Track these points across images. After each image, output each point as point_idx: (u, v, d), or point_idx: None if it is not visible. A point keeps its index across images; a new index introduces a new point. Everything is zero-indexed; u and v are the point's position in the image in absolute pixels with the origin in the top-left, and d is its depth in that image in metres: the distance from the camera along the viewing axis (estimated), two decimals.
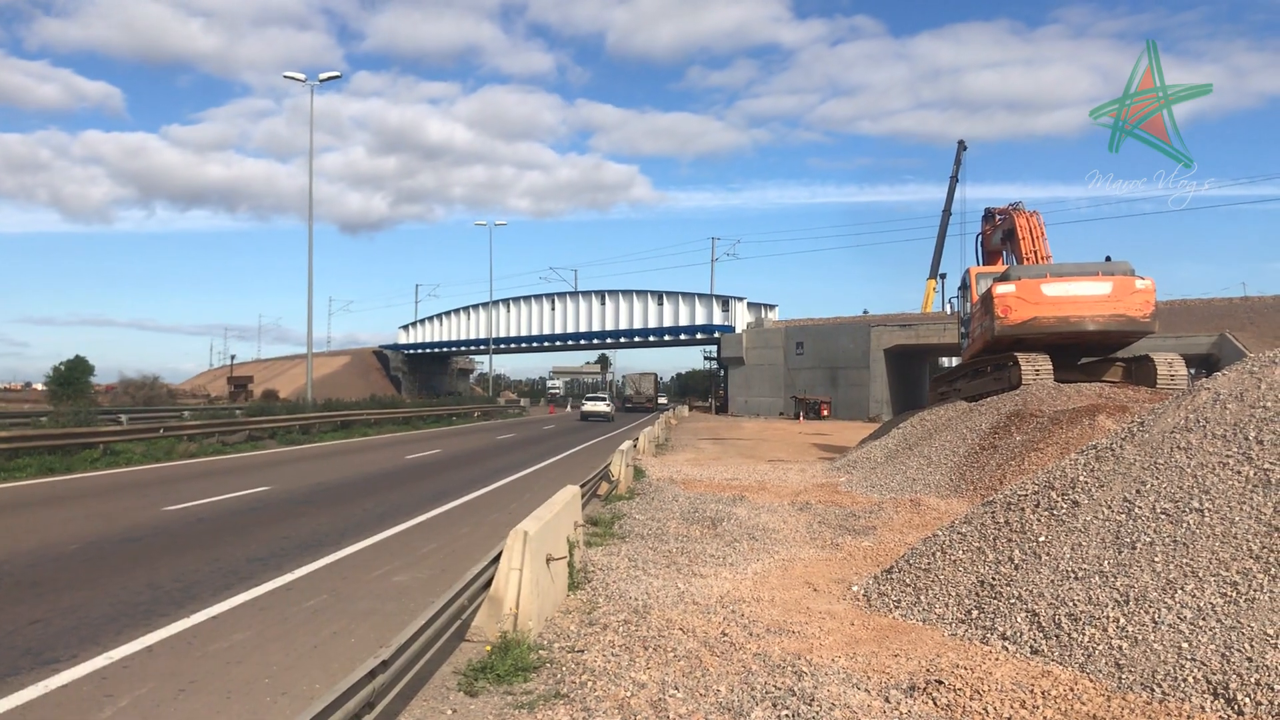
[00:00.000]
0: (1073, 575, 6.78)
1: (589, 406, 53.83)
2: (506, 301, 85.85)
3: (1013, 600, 6.86)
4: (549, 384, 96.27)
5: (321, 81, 36.78)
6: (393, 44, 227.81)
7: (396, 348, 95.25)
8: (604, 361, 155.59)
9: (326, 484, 16.25)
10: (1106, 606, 6.28)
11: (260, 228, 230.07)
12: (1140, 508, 7.11)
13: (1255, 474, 6.74)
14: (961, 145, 64.95)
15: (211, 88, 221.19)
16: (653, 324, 73.30)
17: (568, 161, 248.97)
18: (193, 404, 45.50)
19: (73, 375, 50.06)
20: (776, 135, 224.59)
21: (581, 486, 10.89)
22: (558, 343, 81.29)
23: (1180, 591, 6.11)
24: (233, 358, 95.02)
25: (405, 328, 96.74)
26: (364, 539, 10.64)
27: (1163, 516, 6.88)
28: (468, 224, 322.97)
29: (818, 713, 5.33)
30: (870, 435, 24.81)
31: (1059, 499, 7.80)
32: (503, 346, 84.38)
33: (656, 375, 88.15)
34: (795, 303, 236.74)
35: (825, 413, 54.90)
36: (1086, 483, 7.83)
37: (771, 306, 70.67)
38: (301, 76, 36.45)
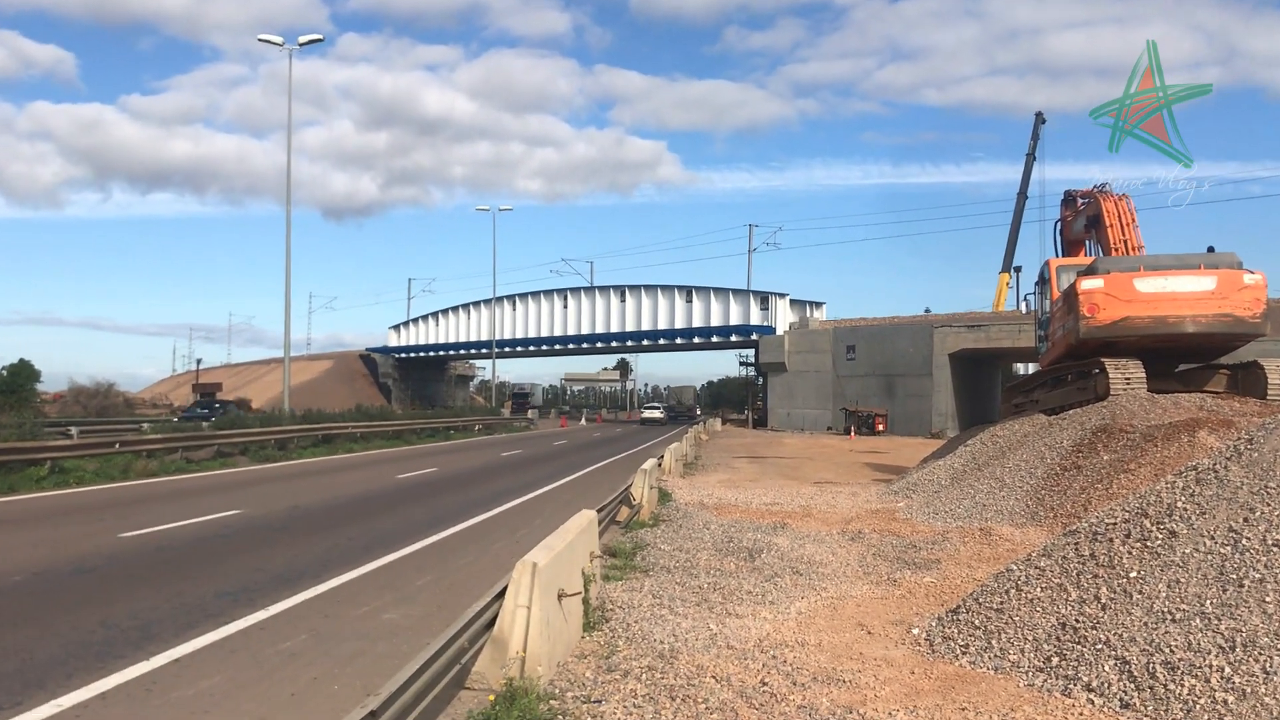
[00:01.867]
0: (1169, 617, 6.72)
1: (648, 414, 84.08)
2: (512, 298, 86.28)
3: (1099, 646, 6.82)
4: (514, 391, 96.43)
5: (302, 45, 37.15)
6: (384, 1, 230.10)
7: (386, 351, 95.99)
8: (624, 368, 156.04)
9: (306, 507, 16.38)
10: (1209, 654, 6.22)
11: (232, 213, 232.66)
12: (1248, 539, 7.04)
13: None
14: (1040, 118, 64.53)
15: (177, 52, 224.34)
16: (680, 324, 73.42)
17: (585, 137, 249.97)
18: (153, 415, 46.05)
19: (16, 382, 50.66)
20: (826, 106, 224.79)
21: (598, 511, 10.92)
22: (570, 345, 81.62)
23: None
24: (198, 362, 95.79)
25: (396, 328, 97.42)
26: (349, 570, 10.72)
27: (1275, 549, 6.81)
28: (469, 209, 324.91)
29: None
30: (933, 454, 24.71)
31: (1153, 528, 7.74)
32: (507, 350, 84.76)
33: (695, 387, 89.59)
34: (846, 300, 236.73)
35: (880, 427, 54.73)
36: (1185, 509, 7.77)
37: (818, 304, 70.57)
38: (279, 40, 36.83)
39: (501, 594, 6.77)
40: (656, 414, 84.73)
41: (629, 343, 78.66)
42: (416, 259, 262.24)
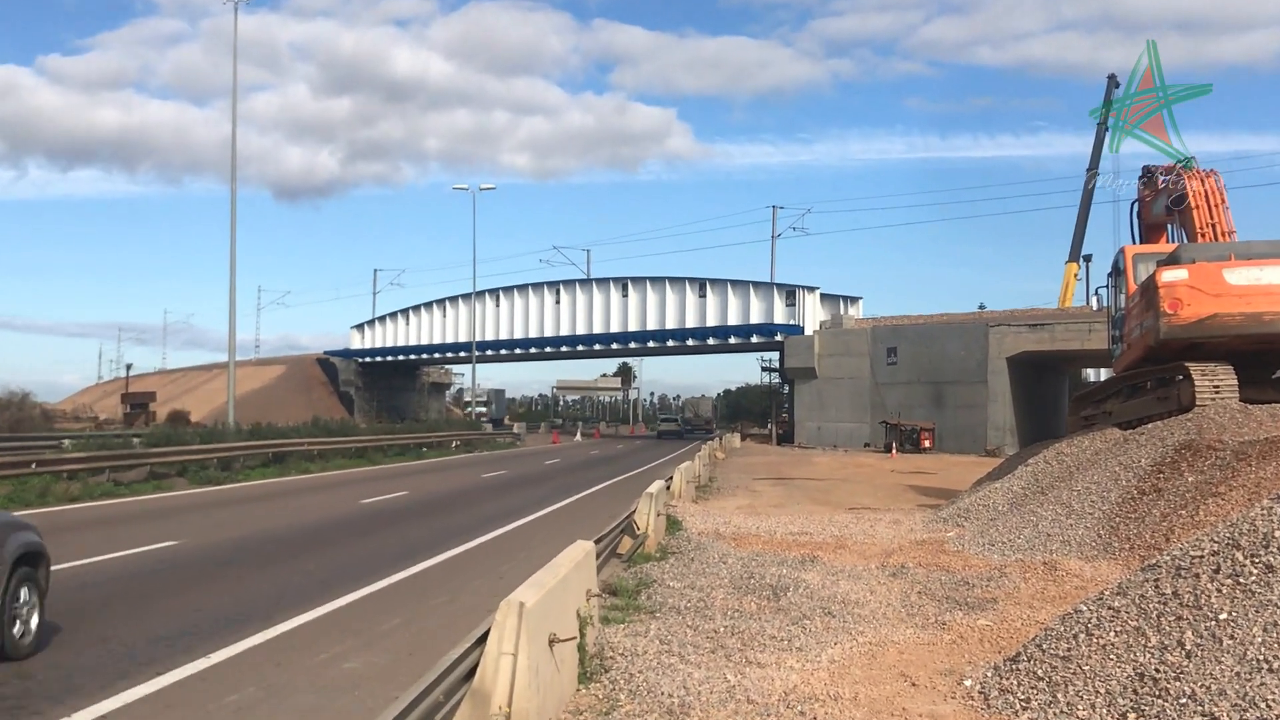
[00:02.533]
0: (1266, 666, 6.71)
1: (665, 427, 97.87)
2: (495, 293, 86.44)
3: (1183, 700, 6.81)
4: (482, 404, 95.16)
5: None
6: None
7: (348, 355, 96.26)
8: (626, 374, 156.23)
9: (254, 537, 16.41)
10: None
11: (168, 194, 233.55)
12: None
13: None
14: (1113, 81, 64.50)
15: (104, 5, 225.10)
16: (692, 322, 73.55)
17: (581, 103, 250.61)
18: (76, 430, 46.11)
19: None
20: (863, 67, 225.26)
21: (596, 543, 10.92)
22: (563, 348, 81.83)
23: None
24: (128, 368, 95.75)
25: (359, 328, 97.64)
26: (305, 612, 10.75)
27: None
28: (445, 188, 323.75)
29: None
30: (988, 474, 24.72)
31: (1247, 563, 7.73)
32: (489, 353, 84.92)
33: (712, 398, 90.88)
34: (886, 294, 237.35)
35: (927, 444, 54.74)
36: None
37: (854, 299, 70.59)
38: None
39: (483, 639, 6.77)
40: (673, 426, 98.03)
41: (632, 344, 78.82)
42: (384, 247, 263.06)
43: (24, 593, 8.99)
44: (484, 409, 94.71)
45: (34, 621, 9.06)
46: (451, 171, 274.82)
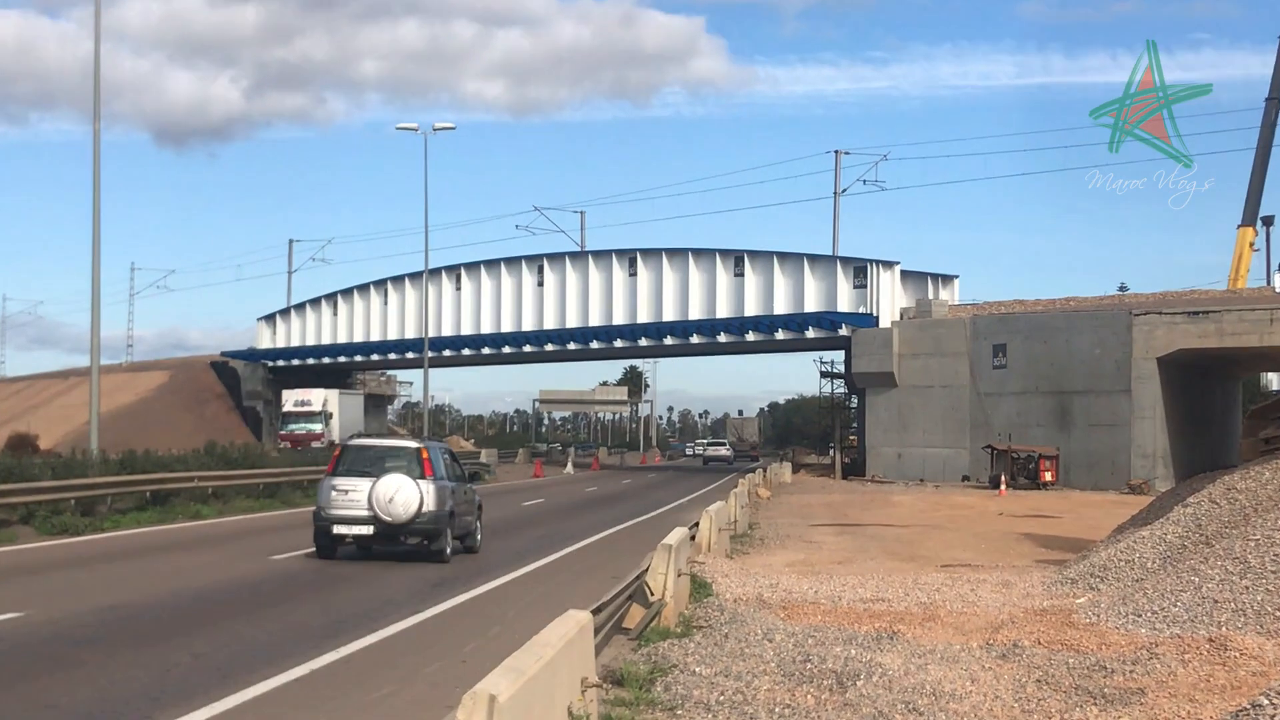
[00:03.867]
0: None
1: (712, 451, 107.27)
2: (456, 271, 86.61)
3: None
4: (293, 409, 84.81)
5: None
6: None
7: (254, 356, 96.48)
8: (634, 382, 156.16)
9: (127, 606, 16.38)
10: None
11: (7, 136, 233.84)
12: None
13: None
14: None
15: None
16: (724, 311, 73.57)
17: (574, 11, 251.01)
18: None
19: None
20: None
21: (594, 613, 10.89)
22: (549, 346, 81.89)
23: None
24: None
25: (270, 320, 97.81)
26: (194, 710, 10.73)
27: None
28: (387, 129, 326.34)
29: None
30: (1133, 519, 24.60)
31: None
32: (447, 354, 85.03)
33: (758, 419, 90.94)
34: (990, 272, 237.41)
35: (1048, 476, 54.54)
36: None
37: (946, 279, 70.44)
38: None
39: None
40: (722, 451, 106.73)
41: (642, 341, 78.59)
42: (303, 210, 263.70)
43: None
44: (309, 424, 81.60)
45: None
46: (396, 107, 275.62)
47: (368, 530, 22.37)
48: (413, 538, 22.57)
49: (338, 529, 22.46)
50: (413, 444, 24.30)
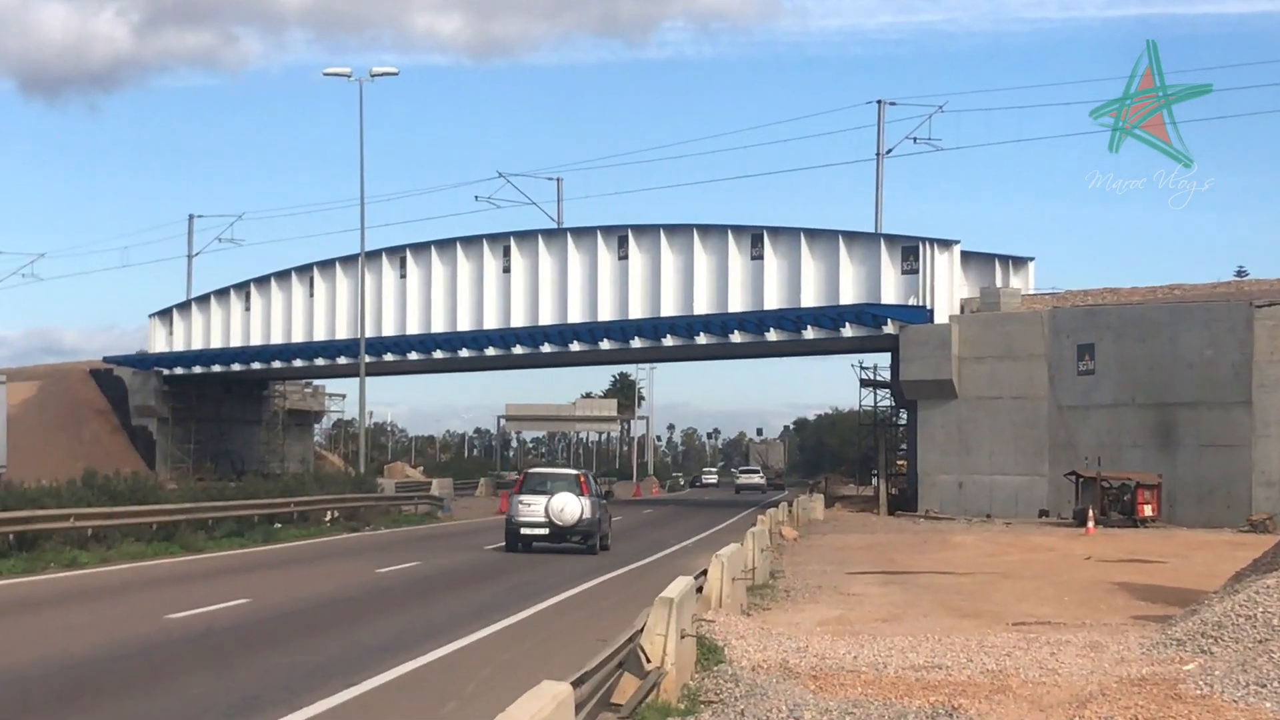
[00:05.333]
0: None
1: (744, 479, 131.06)
2: (399, 254, 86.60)
3: None
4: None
5: None
6: None
7: (145, 363, 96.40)
8: (625, 394, 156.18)
9: None
10: None
11: None
12: None
13: None
14: None
15: None
16: (739, 304, 73.62)
17: None
18: None
19: None
20: None
21: (575, 685, 10.88)
22: (517, 348, 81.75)
23: None
24: None
25: (165, 317, 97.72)
26: None
27: None
28: (313, 75, 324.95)
29: None
30: (1255, 563, 24.60)
31: None
32: (389, 359, 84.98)
33: (783, 443, 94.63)
34: (1073, 253, 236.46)
35: (1148, 510, 54.56)
36: None
37: (1019, 262, 70.47)
38: None
39: None
40: (755, 479, 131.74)
41: (636, 342, 78.42)
42: (208, 177, 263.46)
43: None
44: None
45: None
46: (325, 47, 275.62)
47: (545, 531, 39.56)
48: (574, 537, 39.59)
49: (524, 531, 39.84)
50: (573, 471, 44.05)
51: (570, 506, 38.48)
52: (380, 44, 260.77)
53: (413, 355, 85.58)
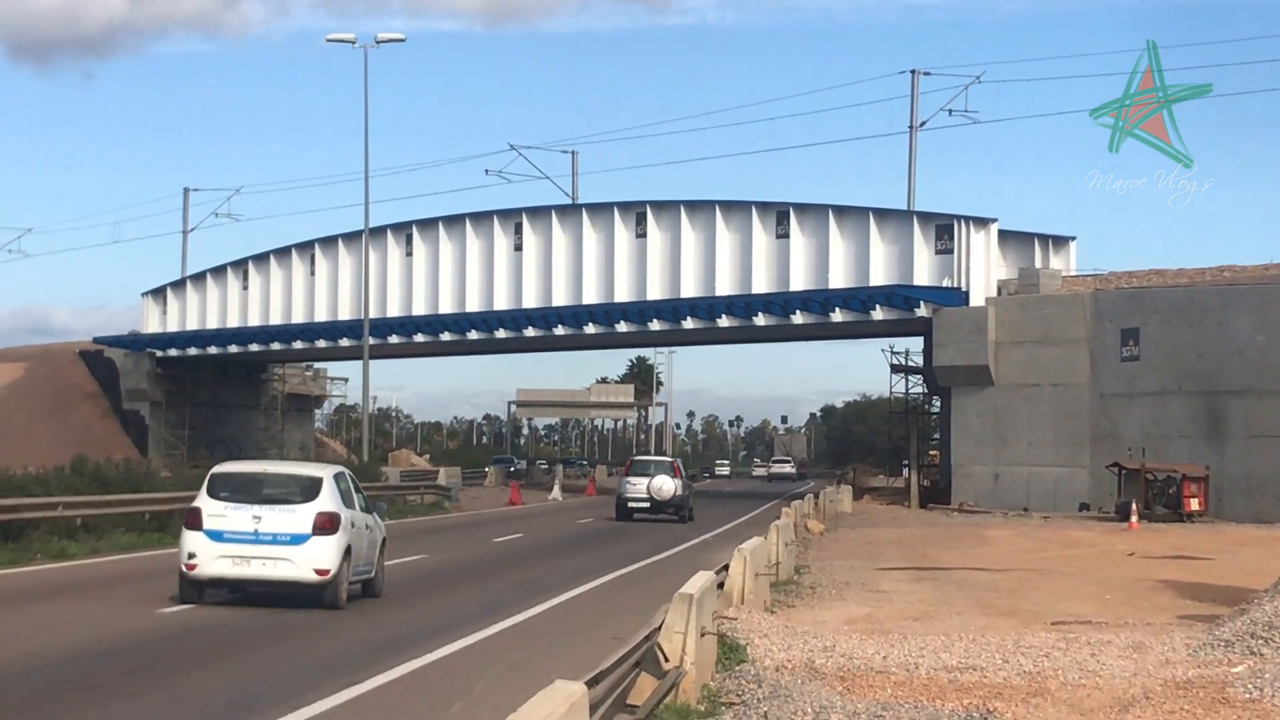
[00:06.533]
0: None
1: (777, 469, 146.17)
2: (405, 231, 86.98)
3: None
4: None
5: None
6: None
7: (137, 344, 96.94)
8: (643, 379, 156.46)
9: None
10: None
11: None
12: None
13: None
14: None
15: None
16: (763, 284, 73.83)
17: None
18: None
19: None
20: None
21: (589, 685, 10.66)
22: (529, 330, 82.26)
23: None
24: None
25: (159, 295, 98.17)
26: None
27: None
28: (314, 41, 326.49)
29: None
30: None
31: None
32: (392, 341, 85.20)
33: (805, 434, 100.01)
34: (1117, 232, 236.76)
35: (1195, 504, 54.56)
36: None
37: (1060, 241, 70.53)
38: None
39: None
40: (788, 468, 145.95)
41: (654, 324, 78.82)
42: (205, 149, 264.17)
43: None
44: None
45: None
46: (330, 12, 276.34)
47: (646, 505, 55.22)
48: (669, 509, 55.23)
49: (630, 504, 55.53)
50: (668, 459, 62.26)
51: (666, 485, 55.17)
52: (389, 8, 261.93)
53: (419, 337, 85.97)
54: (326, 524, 22.83)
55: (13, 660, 17.53)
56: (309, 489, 23.68)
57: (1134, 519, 51.42)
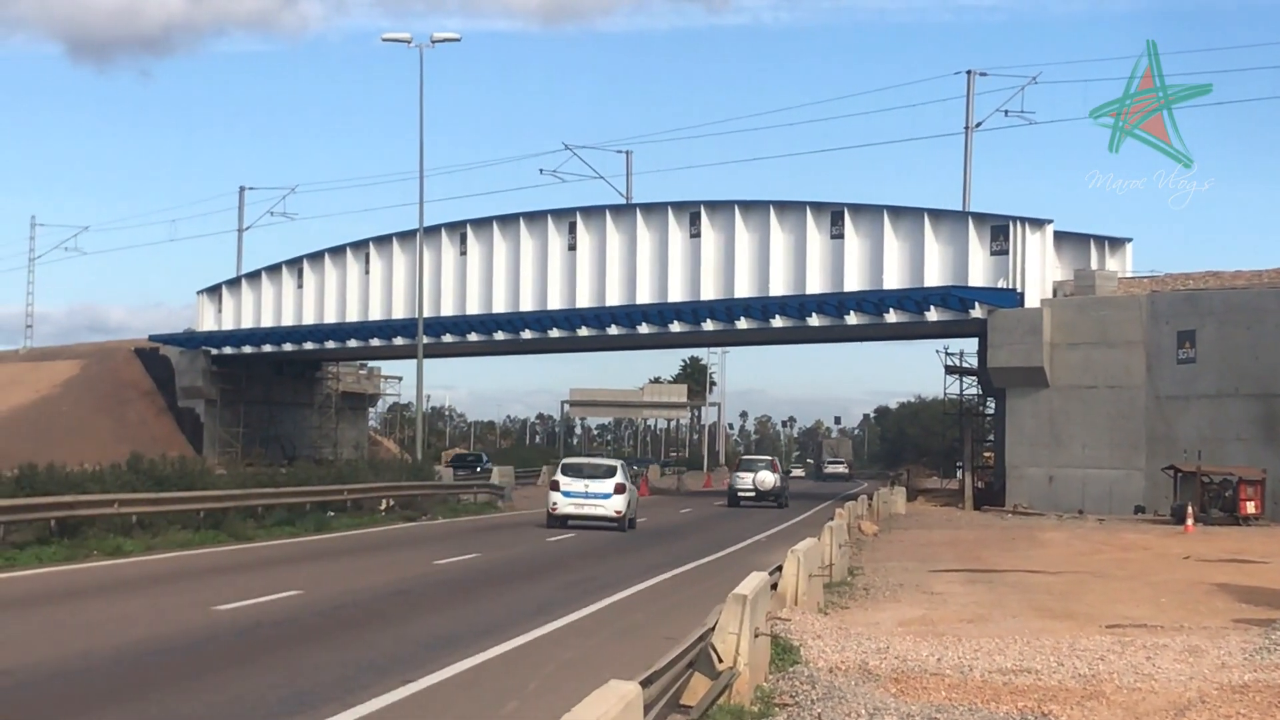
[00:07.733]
0: None
1: (830, 469, 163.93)
2: (459, 231, 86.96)
3: None
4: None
5: None
6: None
7: (193, 342, 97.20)
8: (696, 379, 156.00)
9: (18, 673, 16.36)
10: None
11: None
12: None
13: None
14: None
15: None
16: (817, 285, 73.70)
17: None
18: None
19: None
20: None
21: (643, 685, 10.86)
22: (582, 330, 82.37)
23: None
24: None
25: (214, 293, 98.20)
26: None
27: None
28: (370, 41, 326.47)
29: None
30: None
31: None
32: (447, 340, 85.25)
33: (850, 439, 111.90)
34: (1174, 234, 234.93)
35: (1251, 508, 54.25)
36: None
37: (1116, 243, 70.12)
38: None
39: None
40: (840, 468, 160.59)
41: (707, 324, 78.73)
42: (261, 148, 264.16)
43: None
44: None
45: None
46: (387, 11, 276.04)
47: (752, 495, 72.99)
48: (770, 499, 72.49)
49: (740, 494, 73.78)
50: (769, 456, 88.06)
51: (767, 479, 72.74)
52: (445, 8, 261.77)
53: (473, 336, 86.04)
54: (620, 489, 46.56)
55: (69, 657, 17.74)
56: (610, 471, 48.10)
57: (1190, 522, 51.13)
